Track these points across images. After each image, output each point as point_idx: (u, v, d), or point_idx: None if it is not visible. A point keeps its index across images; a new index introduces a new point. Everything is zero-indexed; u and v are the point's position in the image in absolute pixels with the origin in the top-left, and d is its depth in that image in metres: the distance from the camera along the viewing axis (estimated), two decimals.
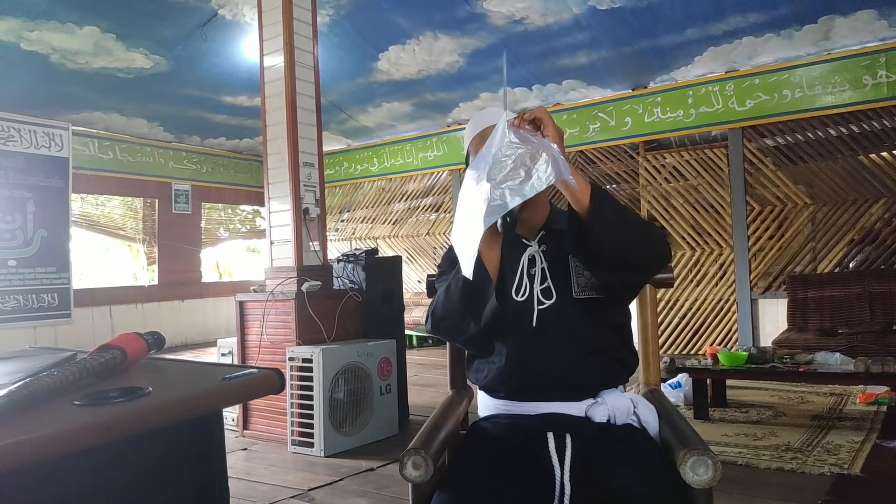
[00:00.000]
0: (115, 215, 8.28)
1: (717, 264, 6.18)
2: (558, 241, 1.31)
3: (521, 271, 1.30)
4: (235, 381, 1.02)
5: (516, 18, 5.48)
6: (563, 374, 1.24)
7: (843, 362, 3.61)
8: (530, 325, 1.27)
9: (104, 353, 1.06)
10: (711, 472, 1.02)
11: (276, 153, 3.91)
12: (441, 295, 1.29)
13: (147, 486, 1.07)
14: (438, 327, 1.31)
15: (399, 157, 8.43)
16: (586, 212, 1.13)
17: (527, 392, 1.27)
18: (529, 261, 1.31)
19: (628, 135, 6.56)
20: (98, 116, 7.30)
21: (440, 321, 1.30)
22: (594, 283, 1.27)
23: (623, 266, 1.19)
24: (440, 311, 1.29)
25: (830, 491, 2.61)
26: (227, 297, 8.70)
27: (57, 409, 0.84)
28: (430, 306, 1.34)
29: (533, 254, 1.31)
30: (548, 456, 1.18)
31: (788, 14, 5.11)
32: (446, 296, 1.27)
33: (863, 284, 5.11)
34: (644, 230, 1.21)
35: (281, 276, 3.81)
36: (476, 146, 1.36)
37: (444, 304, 1.27)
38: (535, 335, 1.26)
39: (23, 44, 5.52)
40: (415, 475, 1.12)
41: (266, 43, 3.97)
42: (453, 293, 1.24)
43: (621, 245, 1.16)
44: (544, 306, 1.27)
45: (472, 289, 1.19)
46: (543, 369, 1.25)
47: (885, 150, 5.50)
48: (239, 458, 3.45)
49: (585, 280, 1.28)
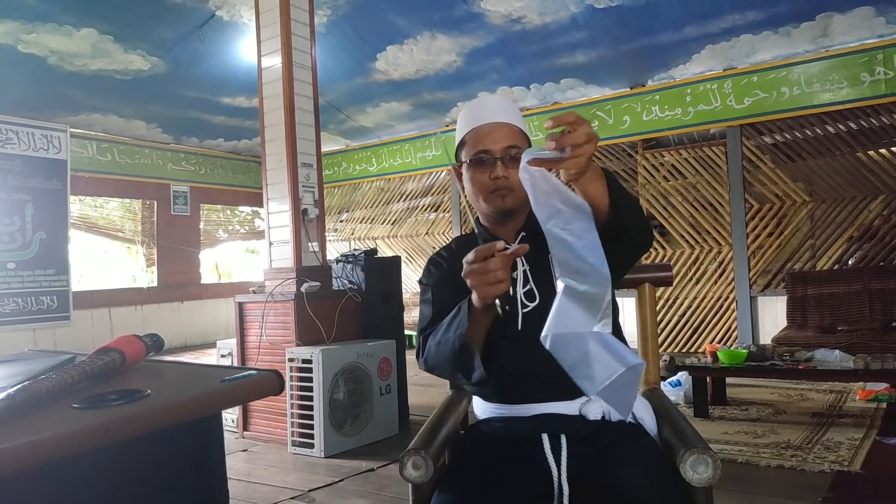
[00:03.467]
0: (113, 217, 8.28)
1: (716, 262, 6.19)
2: (538, 243, 1.30)
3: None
4: (235, 382, 1.02)
5: (514, 17, 5.48)
6: (553, 375, 1.23)
7: (842, 359, 3.62)
8: (516, 329, 1.26)
9: (103, 355, 1.06)
10: (711, 471, 1.02)
11: (275, 154, 3.90)
12: (432, 347, 1.26)
13: (146, 489, 1.06)
14: (431, 371, 1.30)
15: (398, 157, 8.43)
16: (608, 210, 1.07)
17: (519, 395, 1.26)
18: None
19: (627, 133, 6.56)
20: (96, 118, 7.29)
21: (433, 369, 1.29)
22: None
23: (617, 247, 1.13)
24: (432, 361, 1.27)
25: (830, 488, 2.61)
26: (226, 299, 8.70)
27: (56, 412, 0.84)
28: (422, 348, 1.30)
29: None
30: (544, 457, 1.18)
31: (786, 11, 5.11)
32: (437, 350, 1.23)
33: (862, 281, 5.11)
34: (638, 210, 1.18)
35: (280, 277, 3.81)
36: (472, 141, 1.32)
37: (436, 357, 1.25)
38: (521, 339, 1.24)
39: (20, 46, 5.52)
40: (415, 475, 1.12)
41: (264, 44, 3.97)
42: (444, 351, 1.20)
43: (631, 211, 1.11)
44: (528, 309, 1.26)
45: (460, 356, 1.16)
46: (533, 372, 1.24)
47: (884, 146, 5.50)
48: (239, 460, 3.45)
49: None
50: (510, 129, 1.32)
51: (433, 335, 1.26)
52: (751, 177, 5.98)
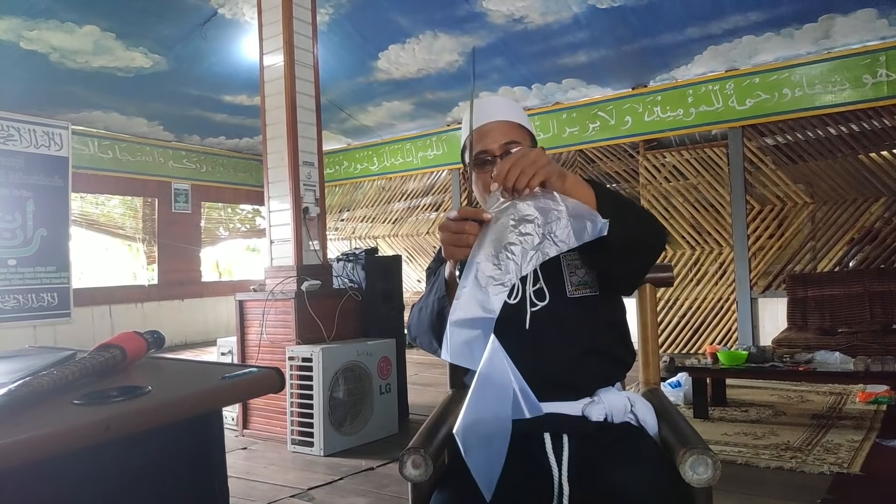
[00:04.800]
0: (114, 214, 8.28)
1: (716, 263, 6.18)
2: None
3: None
4: (235, 380, 1.02)
5: (516, 17, 5.48)
6: (558, 375, 1.23)
7: (842, 361, 3.62)
8: (523, 328, 1.25)
9: (104, 352, 1.06)
10: (711, 472, 1.02)
11: (276, 152, 3.91)
12: (415, 314, 1.30)
13: (146, 486, 1.06)
14: (414, 342, 1.34)
15: (399, 156, 8.43)
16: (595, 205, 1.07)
17: None
18: None
19: (628, 134, 6.56)
20: (98, 116, 7.29)
21: (415, 339, 1.32)
22: (588, 281, 1.26)
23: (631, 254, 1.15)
24: (413, 330, 1.31)
25: (830, 490, 2.61)
26: (226, 297, 8.70)
27: (56, 409, 0.84)
28: (408, 319, 1.35)
29: None
30: (545, 457, 1.18)
31: (789, 13, 5.11)
32: (419, 317, 1.27)
33: (862, 283, 5.11)
34: (642, 212, 1.19)
35: (281, 276, 3.81)
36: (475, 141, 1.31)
37: (417, 325, 1.29)
38: (528, 337, 1.24)
39: (22, 43, 5.52)
40: (414, 474, 1.12)
41: (266, 42, 3.97)
42: (424, 317, 1.24)
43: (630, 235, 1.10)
44: (537, 308, 1.26)
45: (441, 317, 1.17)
46: (538, 371, 1.23)
47: (885, 149, 5.50)
48: (239, 458, 3.45)
49: (579, 278, 1.27)
50: (508, 126, 1.32)
51: (418, 304, 1.30)
52: (752, 178, 5.98)
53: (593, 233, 0.97)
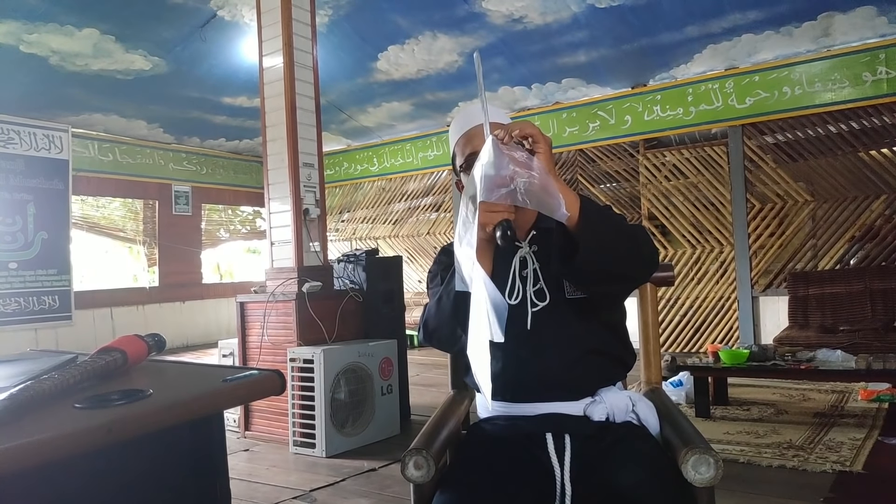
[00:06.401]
0: (115, 217, 8.29)
1: (717, 262, 6.18)
2: (549, 241, 1.29)
3: (514, 274, 1.28)
4: (236, 382, 1.02)
5: (515, 17, 5.48)
6: (560, 375, 1.23)
7: (844, 359, 3.61)
8: (525, 328, 1.25)
9: (105, 355, 1.06)
10: (713, 471, 1.02)
11: (276, 154, 3.91)
12: (433, 306, 1.27)
13: (148, 488, 1.06)
14: (431, 338, 1.30)
15: (399, 156, 8.43)
16: (575, 227, 1.08)
17: (524, 394, 1.26)
18: (521, 262, 1.29)
19: (628, 133, 6.56)
20: (98, 118, 7.30)
21: (433, 332, 1.29)
22: None
23: (608, 278, 1.16)
24: (432, 322, 1.28)
25: (832, 488, 2.61)
26: (227, 299, 8.70)
27: (58, 412, 0.84)
28: (422, 317, 1.32)
29: (524, 255, 1.29)
30: (547, 457, 1.18)
31: (788, 11, 5.11)
32: (438, 307, 1.25)
33: (864, 281, 5.11)
34: (632, 240, 1.16)
35: (281, 277, 3.81)
36: (462, 147, 1.35)
37: (437, 315, 1.26)
38: (530, 338, 1.24)
39: (22, 46, 5.53)
40: (416, 475, 1.12)
41: (265, 44, 3.97)
42: (445, 304, 1.21)
43: (608, 260, 1.11)
44: (538, 308, 1.26)
45: (463, 300, 1.13)
46: (540, 371, 1.24)
47: (886, 146, 5.49)
48: (240, 459, 3.45)
49: None
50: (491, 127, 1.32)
51: (434, 295, 1.28)
52: (752, 176, 5.98)
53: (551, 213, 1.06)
